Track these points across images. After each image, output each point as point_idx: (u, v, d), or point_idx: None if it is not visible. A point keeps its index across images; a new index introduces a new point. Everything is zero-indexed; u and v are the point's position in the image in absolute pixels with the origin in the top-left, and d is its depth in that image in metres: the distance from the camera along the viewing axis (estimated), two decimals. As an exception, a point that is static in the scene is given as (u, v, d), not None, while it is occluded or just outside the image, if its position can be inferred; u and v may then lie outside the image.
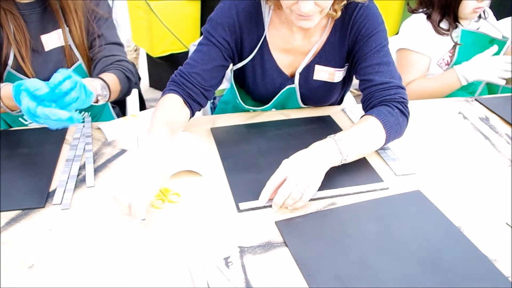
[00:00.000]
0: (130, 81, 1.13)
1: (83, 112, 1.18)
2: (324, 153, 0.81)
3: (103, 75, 1.06)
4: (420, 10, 1.40)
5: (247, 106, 1.12)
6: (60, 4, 1.04)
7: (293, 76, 1.06)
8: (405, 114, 0.92)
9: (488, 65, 1.27)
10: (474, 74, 1.28)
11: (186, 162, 0.86)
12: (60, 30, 1.07)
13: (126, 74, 1.11)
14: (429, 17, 1.37)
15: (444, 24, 1.37)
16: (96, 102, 0.99)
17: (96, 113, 1.25)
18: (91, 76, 1.14)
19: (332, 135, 0.85)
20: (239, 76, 1.11)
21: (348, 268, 0.65)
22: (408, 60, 1.36)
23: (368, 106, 0.95)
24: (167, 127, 0.85)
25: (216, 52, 0.97)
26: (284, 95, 1.08)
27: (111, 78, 1.05)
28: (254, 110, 1.14)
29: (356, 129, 0.87)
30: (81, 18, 1.07)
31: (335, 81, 1.06)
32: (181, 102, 0.94)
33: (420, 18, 1.38)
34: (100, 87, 0.99)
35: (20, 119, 1.12)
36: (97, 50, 1.11)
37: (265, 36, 1.01)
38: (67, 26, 1.07)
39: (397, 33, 1.45)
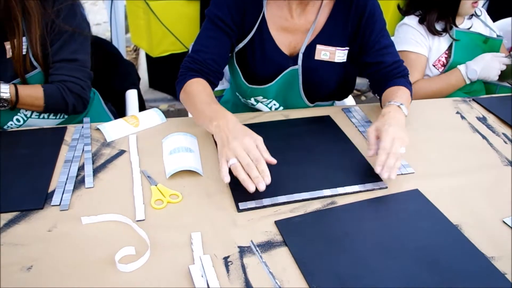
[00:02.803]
0: (66, 103, 1.07)
1: (59, 115, 1.14)
2: (401, 116, 0.92)
3: (31, 85, 1.04)
4: (411, 12, 1.41)
5: (250, 86, 1.12)
6: (23, 14, 1.00)
7: (292, 55, 1.07)
8: (411, 83, 1.10)
9: (489, 64, 1.28)
10: (477, 73, 1.31)
11: (186, 162, 0.87)
12: (22, 39, 1.02)
13: (62, 94, 1.06)
14: (422, 20, 1.38)
15: (438, 26, 1.38)
16: None
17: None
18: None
19: (391, 102, 0.96)
20: (239, 59, 1.12)
21: (348, 267, 0.66)
22: (407, 61, 1.36)
23: (385, 81, 1.07)
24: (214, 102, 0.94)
25: (225, 37, 1.04)
26: (287, 78, 1.09)
27: (33, 91, 1.03)
28: (255, 91, 1.13)
29: (400, 95, 1.00)
30: (39, 28, 1.02)
31: (336, 60, 1.08)
32: (207, 84, 1.02)
33: (411, 20, 1.40)
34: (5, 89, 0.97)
35: (10, 122, 1.10)
36: (51, 66, 1.07)
37: (263, 14, 1.03)
38: (27, 35, 1.02)
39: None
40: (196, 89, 0.98)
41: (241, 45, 1.08)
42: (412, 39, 1.38)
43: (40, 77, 1.09)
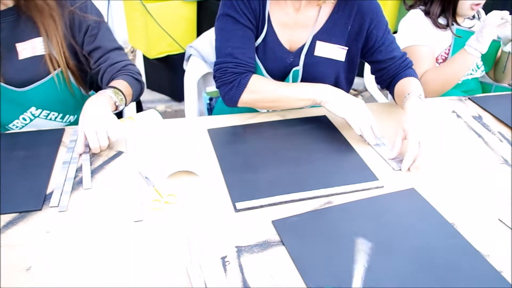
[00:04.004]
0: (140, 83, 1.14)
1: (68, 116, 1.17)
2: (423, 107, 0.95)
3: (113, 83, 1.05)
4: (417, 6, 1.41)
5: None
6: (37, 14, 1.01)
7: (292, 50, 1.10)
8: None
9: (484, 23, 1.23)
10: (478, 38, 1.25)
11: (183, 163, 0.87)
12: (36, 39, 1.04)
13: (134, 77, 1.11)
14: (427, 13, 1.38)
15: (442, 20, 1.38)
16: (116, 109, 1.00)
17: None
18: (69, 84, 1.12)
19: (410, 94, 0.98)
20: (257, 55, 1.13)
21: (345, 266, 0.66)
22: (417, 55, 1.35)
23: (396, 75, 1.11)
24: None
25: (250, 33, 1.07)
26: (290, 79, 1.11)
27: (121, 84, 1.05)
28: None
29: (415, 86, 1.03)
30: (59, 28, 1.03)
31: (334, 58, 1.10)
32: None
33: (418, 14, 1.39)
34: (113, 94, 0.99)
35: (16, 121, 1.11)
36: (98, 61, 1.10)
37: (268, 11, 1.06)
38: (45, 35, 1.03)
39: (394, 33, 1.46)
40: (264, 83, 1.05)
41: (256, 43, 1.10)
42: (420, 32, 1.37)
43: (59, 77, 1.08)
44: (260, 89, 1.04)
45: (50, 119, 1.14)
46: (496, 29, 1.22)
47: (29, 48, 1.04)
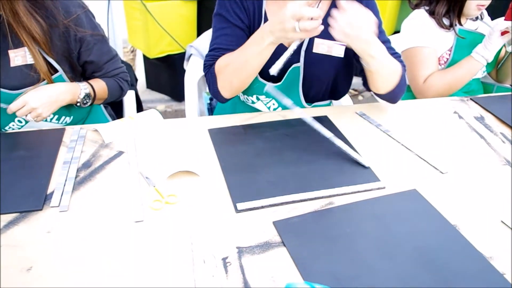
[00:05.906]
0: (122, 90, 1.22)
1: (63, 117, 1.16)
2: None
3: (92, 81, 1.14)
4: (422, 6, 1.40)
5: (261, 79, 1.13)
6: (15, 28, 0.99)
7: (289, 46, 1.08)
8: (405, 69, 1.13)
9: (492, 29, 1.29)
10: (486, 46, 1.30)
11: (183, 163, 0.87)
12: (26, 48, 1.02)
13: (119, 84, 1.19)
14: (431, 13, 1.38)
15: (445, 21, 1.38)
16: (77, 100, 1.10)
17: (82, 116, 1.23)
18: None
19: None
20: None
21: (346, 267, 0.66)
22: (421, 56, 1.36)
23: None
24: None
25: (241, 32, 1.07)
26: (290, 76, 1.10)
27: (100, 85, 1.14)
28: (260, 89, 1.14)
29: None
30: (42, 42, 1.02)
31: (333, 54, 1.09)
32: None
33: (421, 14, 1.39)
34: (83, 95, 1.10)
35: (12, 123, 1.11)
36: (92, 72, 1.16)
37: (264, 9, 1.06)
38: (27, 46, 1.01)
39: (394, 33, 1.45)
40: (225, 58, 1.03)
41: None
42: (423, 33, 1.37)
43: (61, 80, 1.09)
44: (226, 66, 1.02)
45: (45, 120, 1.13)
46: (501, 39, 1.27)
47: (20, 56, 1.03)
